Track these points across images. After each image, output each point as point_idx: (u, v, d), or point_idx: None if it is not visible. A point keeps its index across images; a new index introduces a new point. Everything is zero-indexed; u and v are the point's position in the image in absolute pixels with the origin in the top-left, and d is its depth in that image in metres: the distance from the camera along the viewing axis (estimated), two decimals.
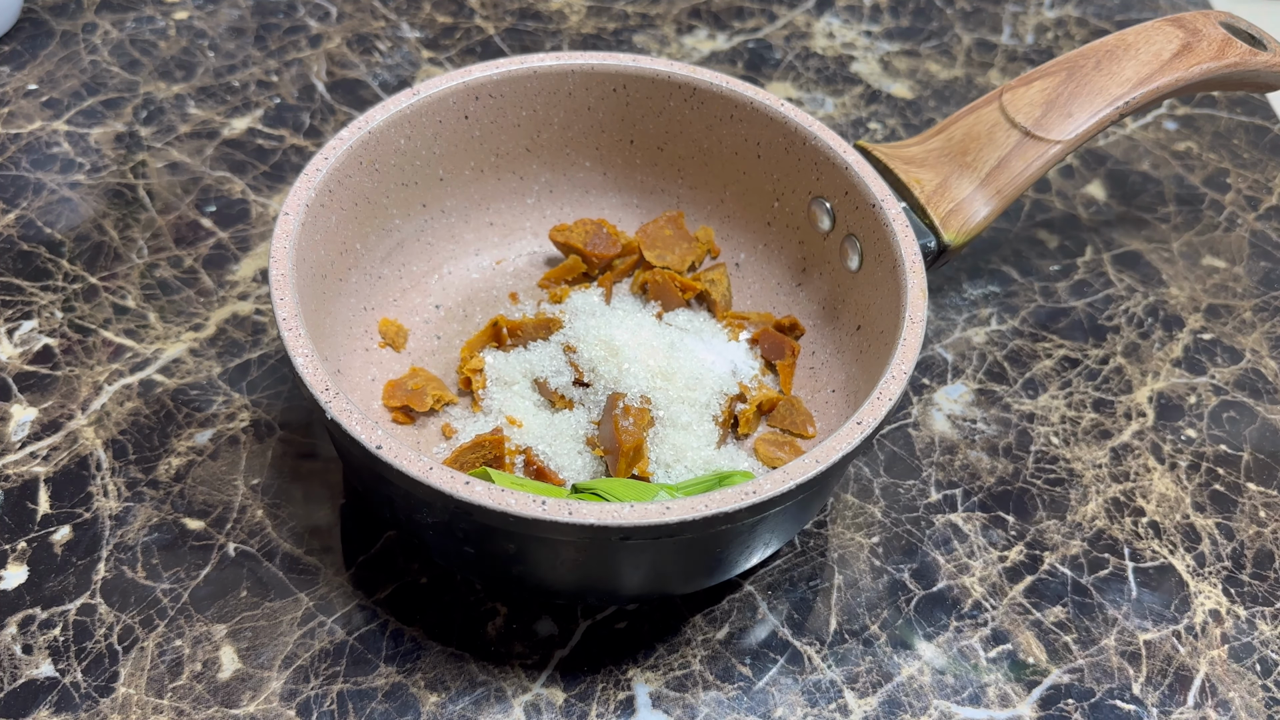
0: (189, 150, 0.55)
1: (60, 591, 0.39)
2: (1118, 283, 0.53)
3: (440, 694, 0.37)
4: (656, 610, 0.40)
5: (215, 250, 0.51)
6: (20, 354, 0.46)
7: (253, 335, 0.47)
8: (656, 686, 0.38)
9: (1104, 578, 0.42)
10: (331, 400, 0.33)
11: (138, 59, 0.60)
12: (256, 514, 0.42)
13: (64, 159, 0.54)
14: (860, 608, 0.41)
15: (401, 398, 0.43)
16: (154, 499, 0.42)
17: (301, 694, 0.37)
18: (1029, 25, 0.69)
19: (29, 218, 0.51)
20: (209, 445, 0.43)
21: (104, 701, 0.36)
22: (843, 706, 0.38)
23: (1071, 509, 0.44)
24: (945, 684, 0.39)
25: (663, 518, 0.31)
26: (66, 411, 0.44)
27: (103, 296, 0.48)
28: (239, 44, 0.62)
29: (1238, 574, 0.43)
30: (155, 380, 0.46)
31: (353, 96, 0.59)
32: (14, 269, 0.49)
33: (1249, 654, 0.40)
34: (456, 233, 0.48)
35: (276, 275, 0.36)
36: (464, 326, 0.46)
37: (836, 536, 0.43)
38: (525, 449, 0.42)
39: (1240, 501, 0.45)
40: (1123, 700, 0.39)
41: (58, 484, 0.42)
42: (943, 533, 0.43)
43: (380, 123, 0.41)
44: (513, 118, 0.45)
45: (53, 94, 0.58)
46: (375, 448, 0.32)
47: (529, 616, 0.40)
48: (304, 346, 0.34)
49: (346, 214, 0.42)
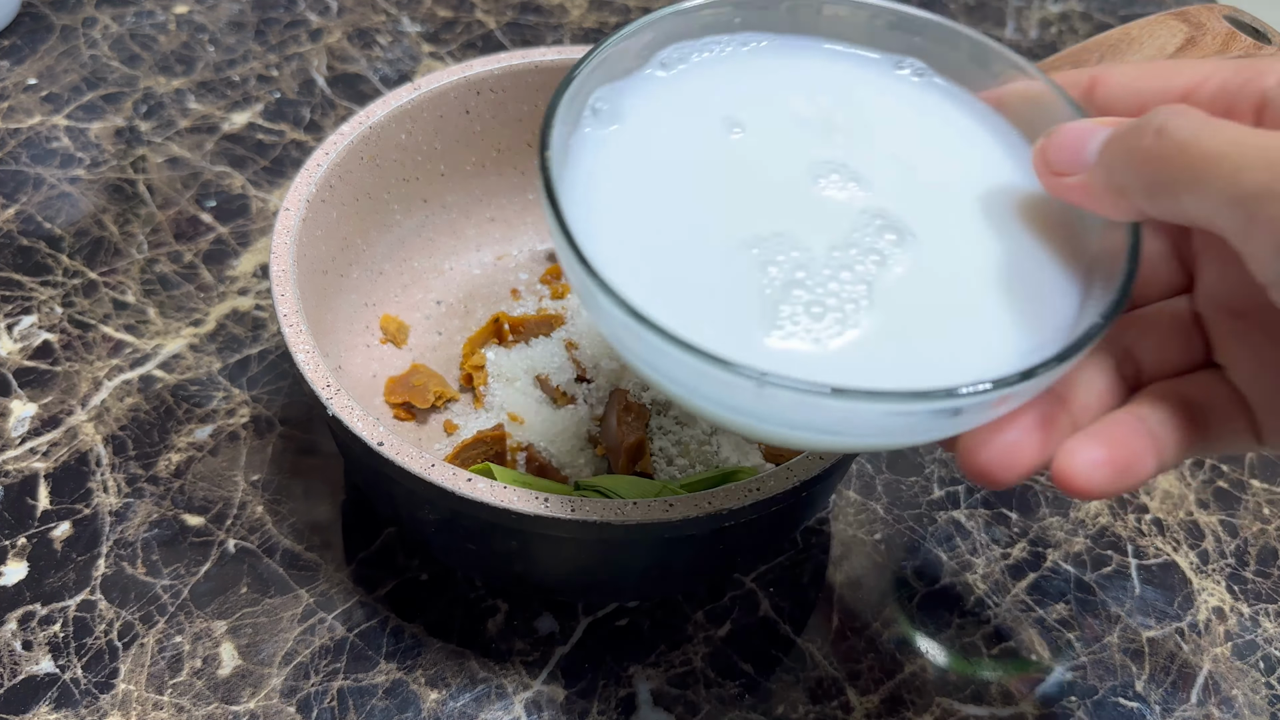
0: (189, 145, 0.55)
1: (60, 588, 0.39)
2: None
3: (441, 691, 0.37)
4: (658, 607, 0.40)
5: (215, 245, 0.51)
6: (20, 349, 0.46)
7: (253, 331, 0.47)
8: (658, 684, 0.38)
9: (1107, 575, 0.42)
10: (333, 396, 0.33)
11: (137, 53, 0.60)
12: (257, 510, 0.41)
13: (64, 154, 0.54)
14: (863, 605, 0.41)
15: (403, 394, 0.42)
16: (154, 495, 0.42)
17: (302, 690, 0.37)
18: (1033, 20, 0.69)
19: (29, 213, 0.51)
20: (209, 441, 0.43)
21: (104, 698, 0.36)
22: (845, 704, 0.38)
23: (1075, 506, 0.44)
24: (948, 681, 0.39)
25: (666, 515, 0.31)
26: (66, 407, 0.44)
27: (103, 292, 0.48)
28: (239, 38, 0.62)
29: (1241, 571, 0.42)
30: (155, 376, 0.45)
31: (353, 91, 0.59)
32: (14, 264, 0.49)
33: (1252, 651, 0.40)
34: (458, 228, 0.47)
35: (277, 271, 0.36)
36: (465, 322, 0.46)
37: (839, 533, 0.43)
38: (527, 445, 0.42)
39: (1244, 498, 0.45)
40: (1125, 698, 0.39)
41: (58, 480, 0.42)
42: (945, 530, 0.43)
43: (381, 118, 0.41)
44: (514, 112, 0.45)
45: (52, 89, 0.57)
46: (376, 444, 0.32)
47: (530, 613, 0.39)
48: (305, 342, 0.34)
49: (347, 209, 0.42)
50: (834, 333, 0.25)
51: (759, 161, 0.28)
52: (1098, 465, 0.24)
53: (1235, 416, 0.27)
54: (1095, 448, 0.25)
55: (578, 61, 0.28)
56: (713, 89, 0.29)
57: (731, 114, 0.29)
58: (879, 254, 0.26)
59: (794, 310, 0.25)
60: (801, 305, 0.25)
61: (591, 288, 0.24)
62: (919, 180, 0.28)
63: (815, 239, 0.26)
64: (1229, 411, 0.27)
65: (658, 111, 0.29)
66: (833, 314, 0.25)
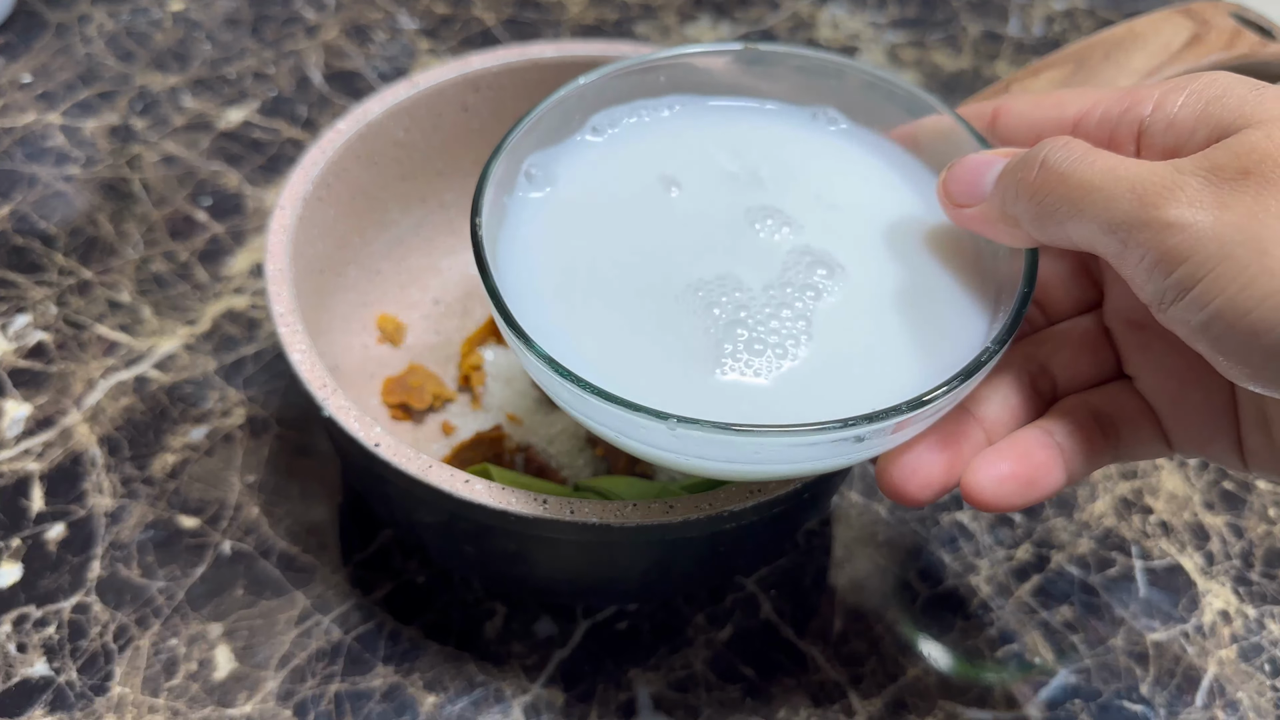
0: (184, 143, 0.55)
1: (54, 589, 0.39)
2: None
3: (438, 695, 0.37)
4: (658, 610, 0.40)
5: (210, 244, 0.50)
6: (14, 349, 0.45)
7: (248, 330, 0.47)
8: (658, 687, 0.38)
9: (1112, 577, 0.42)
10: (329, 397, 0.32)
11: (133, 51, 0.60)
12: (252, 512, 0.41)
13: (58, 152, 0.54)
14: (865, 607, 0.40)
15: (400, 394, 0.42)
16: (149, 496, 0.41)
17: (298, 694, 0.37)
18: (1036, 16, 0.68)
19: (23, 211, 0.51)
20: (204, 442, 0.43)
21: (99, 700, 0.36)
22: (847, 707, 0.38)
23: (1079, 507, 0.44)
24: (951, 684, 0.38)
25: (666, 516, 0.30)
26: (60, 408, 0.44)
27: (97, 291, 0.48)
28: (235, 35, 0.61)
29: (1247, 573, 0.42)
30: (150, 376, 0.45)
31: (350, 88, 0.59)
32: (7, 263, 0.49)
33: (1258, 654, 0.40)
34: (456, 227, 0.47)
35: (273, 270, 0.36)
36: (463, 322, 0.46)
37: (841, 535, 0.42)
38: (526, 446, 0.41)
39: (1249, 500, 0.44)
40: (1130, 700, 0.38)
41: (52, 481, 0.41)
42: (949, 532, 0.42)
43: (378, 115, 0.41)
44: (512, 109, 0.45)
45: (47, 86, 0.57)
46: (373, 445, 0.31)
47: (528, 616, 0.39)
48: (301, 342, 0.34)
49: (344, 208, 0.41)
50: (773, 367, 0.27)
51: (700, 212, 0.30)
52: (1004, 480, 0.26)
53: (1144, 424, 0.28)
54: (1001, 463, 0.26)
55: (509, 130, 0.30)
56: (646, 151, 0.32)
57: (668, 173, 0.31)
58: (814, 289, 0.29)
59: (735, 347, 0.28)
60: (743, 343, 0.28)
61: (520, 347, 0.26)
62: (842, 219, 0.30)
63: (754, 278, 0.29)
64: (1138, 420, 0.28)
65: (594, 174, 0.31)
66: (773, 349, 0.28)
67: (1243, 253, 0.21)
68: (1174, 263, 0.22)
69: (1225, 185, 0.22)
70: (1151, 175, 0.23)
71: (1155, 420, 0.28)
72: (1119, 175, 0.23)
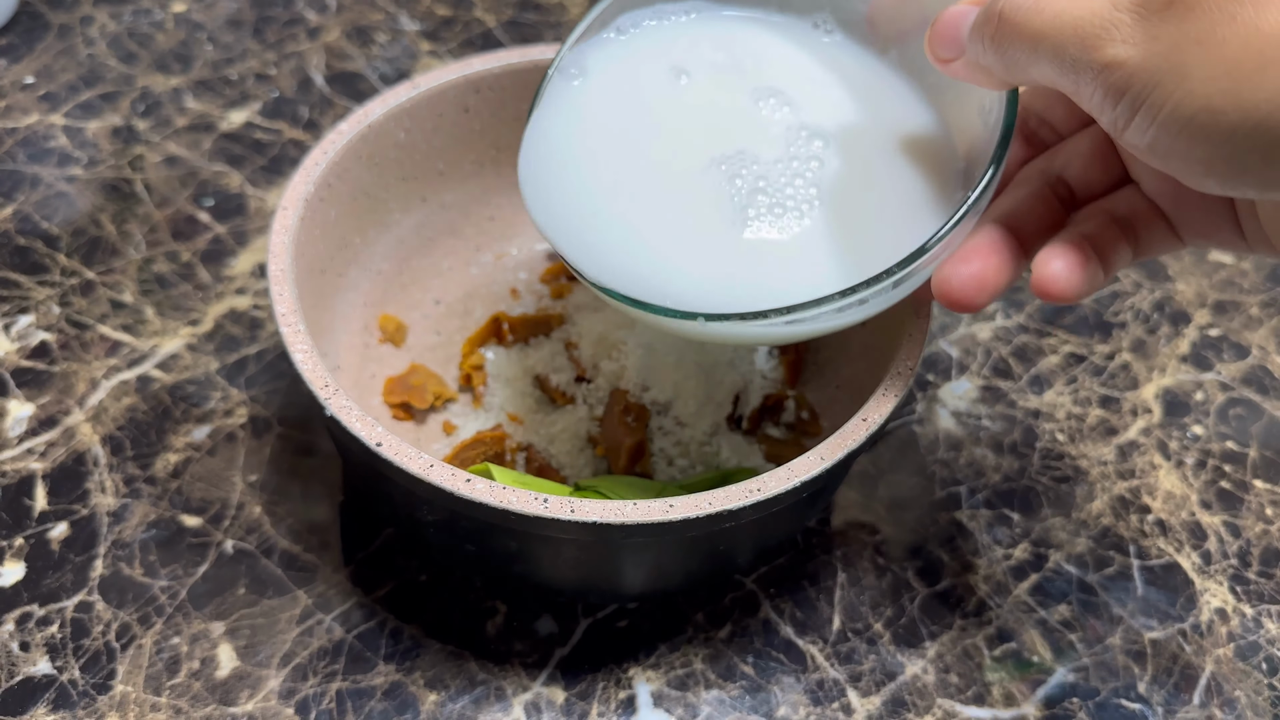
0: (186, 144, 0.55)
1: (57, 588, 0.39)
2: (1124, 278, 0.53)
3: (439, 693, 0.37)
4: (658, 608, 0.40)
5: (213, 245, 0.50)
6: (17, 349, 0.46)
7: (250, 331, 0.47)
8: (658, 685, 0.38)
9: (1110, 575, 0.42)
10: (330, 397, 0.32)
11: (135, 52, 0.60)
12: (254, 511, 0.41)
13: (61, 153, 0.54)
14: (864, 606, 0.40)
15: (401, 394, 0.42)
16: (151, 495, 0.41)
17: (300, 692, 0.37)
18: None
19: (25, 212, 0.51)
20: (207, 441, 0.43)
21: (101, 699, 0.36)
22: (846, 705, 0.38)
23: (1077, 506, 0.44)
24: (949, 683, 0.38)
25: (666, 515, 0.30)
26: (63, 407, 0.44)
27: (100, 291, 0.48)
28: (237, 36, 0.61)
29: (1244, 572, 0.42)
30: (152, 376, 0.45)
31: (351, 89, 0.59)
32: (10, 264, 0.49)
33: (1255, 652, 0.40)
34: (457, 227, 0.47)
35: (275, 270, 0.36)
36: (464, 322, 0.46)
37: (840, 534, 0.42)
38: (526, 446, 0.41)
39: (1247, 499, 0.44)
40: (1128, 699, 0.38)
41: (55, 480, 0.42)
42: (947, 530, 0.43)
43: (379, 116, 0.41)
44: (513, 110, 0.45)
45: (49, 87, 0.57)
46: (375, 445, 0.31)
47: (529, 615, 0.39)
48: (302, 342, 0.34)
49: (345, 208, 0.41)
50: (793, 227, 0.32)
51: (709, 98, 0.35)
52: (1073, 269, 0.29)
53: (1156, 222, 0.31)
54: (1061, 256, 0.29)
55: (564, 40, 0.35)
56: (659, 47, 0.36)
57: (677, 64, 0.35)
58: (818, 158, 0.33)
59: (758, 211, 0.32)
60: (765, 207, 0.32)
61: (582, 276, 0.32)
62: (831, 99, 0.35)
63: (766, 152, 0.33)
64: (1150, 219, 0.31)
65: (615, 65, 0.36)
66: (791, 213, 0.32)
67: (1168, 80, 0.23)
68: (1116, 97, 0.25)
69: (1153, 18, 0.24)
70: (1092, 16, 0.25)
71: (1164, 217, 0.31)
72: (1064, 20, 0.25)
